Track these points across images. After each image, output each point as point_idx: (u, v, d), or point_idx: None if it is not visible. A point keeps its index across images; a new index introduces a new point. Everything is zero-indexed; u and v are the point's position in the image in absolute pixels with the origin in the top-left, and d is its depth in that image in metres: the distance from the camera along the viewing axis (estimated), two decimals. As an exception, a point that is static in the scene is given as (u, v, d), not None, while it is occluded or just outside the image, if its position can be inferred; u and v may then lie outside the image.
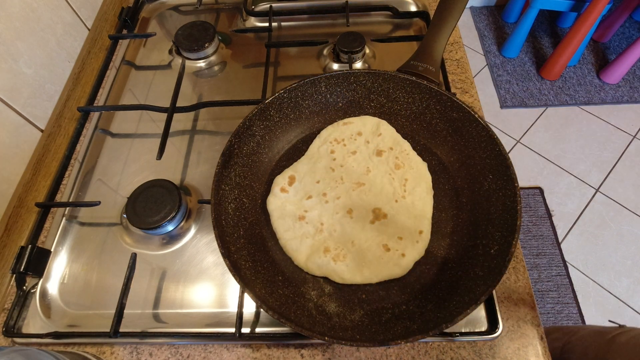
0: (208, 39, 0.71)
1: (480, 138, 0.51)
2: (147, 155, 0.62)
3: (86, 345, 0.48)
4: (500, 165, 0.48)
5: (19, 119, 0.58)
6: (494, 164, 0.49)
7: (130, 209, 0.53)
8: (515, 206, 0.44)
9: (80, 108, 0.65)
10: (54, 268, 0.53)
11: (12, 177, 0.56)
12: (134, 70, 0.73)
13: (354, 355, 0.46)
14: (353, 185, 0.53)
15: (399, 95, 0.57)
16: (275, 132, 0.57)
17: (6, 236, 0.54)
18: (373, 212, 0.51)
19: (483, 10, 2.29)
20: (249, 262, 0.46)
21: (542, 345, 0.46)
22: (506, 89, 1.96)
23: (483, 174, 0.50)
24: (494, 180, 0.49)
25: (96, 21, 0.75)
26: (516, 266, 0.51)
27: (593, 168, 1.71)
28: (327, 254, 0.47)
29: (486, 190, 0.49)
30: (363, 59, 0.70)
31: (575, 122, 1.85)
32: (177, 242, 0.54)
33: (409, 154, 0.55)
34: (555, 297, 1.43)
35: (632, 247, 1.52)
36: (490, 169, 0.50)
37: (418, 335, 0.38)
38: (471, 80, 0.67)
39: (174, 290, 0.51)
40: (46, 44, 0.63)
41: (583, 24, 1.70)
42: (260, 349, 0.47)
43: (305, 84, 0.55)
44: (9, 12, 0.56)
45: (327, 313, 0.45)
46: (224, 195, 0.49)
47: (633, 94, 1.91)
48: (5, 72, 0.55)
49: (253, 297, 0.40)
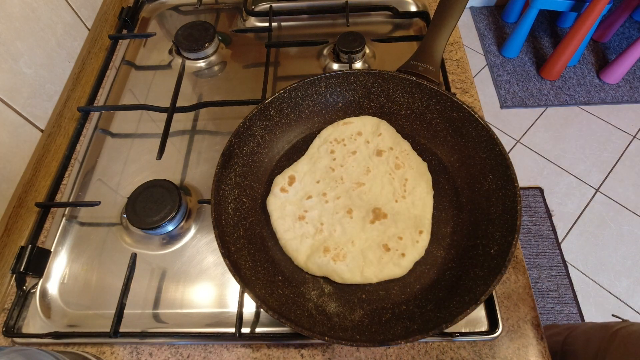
0: (208, 39, 0.71)
1: (480, 138, 0.51)
2: (147, 155, 0.62)
3: (86, 345, 0.48)
4: (500, 165, 0.48)
5: (19, 119, 0.58)
6: (494, 164, 0.49)
7: (130, 209, 0.53)
8: (515, 206, 0.44)
9: (80, 108, 0.65)
10: (54, 268, 0.53)
11: (12, 177, 0.56)
12: (134, 70, 0.73)
13: (354, 355, 0.46)
14: (353, 185, 0.53)
15: (399, 95, 0.57)
16: (275, 132, 0.57)
17: (6, 236, 0.54)
18: (373, 212, 0.51)
19: (483, 10, 2.29)
20: (249, 262, 0.46)
21: (542, 345, 0.46)
22: (506, 89, 1.96)
23: (483, 174, 0.50)
24: (494, 180, 0.49)
25: (96, 21, 0.75)
26: (516, 266, 0.51)
27: (593, 168, 1.71)
28: (327, 253, 0.47)
29: (486, 190, 0.49)
30: (363, 59, 0.70)
31: (575, 122, 1.85)
32: (177, 242, 0.54)
33: (409, 154, 0.55)
34: (555, 297, 1.43)
35: (632, 247, 1.52)
36: (490, 169, 0.50)
37: (418, 335, 0.38)
38: (471, 80, 0.67)
39: (174, 290, 0.51)
40: (46, 44, 0.63)
41: (583, 24, 1.70)
42: (260, 349, 0.47)
43: (305, 84, 0.55)
44: (9, 12, 0.56)
45: (327, 313, 0.45)
46: (224, 195, 0.49)
47: (633, 94, 1.91)
48: (5, 72, 0.55)
49: (253, 297, 0.40)
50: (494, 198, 0.48)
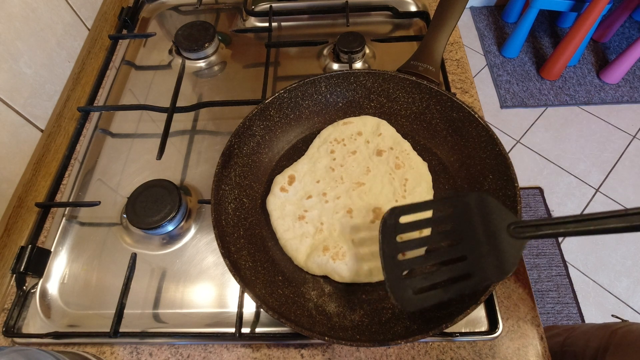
0: (208, 39, 0.71)
1: (480, 138, 0.51)
2: (147, 155, 0.62)
3: (86, 345, 0.48)
4: (500, 165, 0.48)
5: (19, 119, 0.58)
6: (494, 164, 0.49)
7: (130, 209, 0.53)
8: (515, 206, 0.44)
9: (80, 108, 0.65)
10: (54, 268, 0.53)
11: (12, 177, 0.56)
12: (134, 70, 0.73)
13: (354, 355, 0.46)
14: (353, 185, 0.53)
15: (399, 95, 0.57)
16: (275, 132, 0.57)
17: (6, 236, 0.54)
18: (373, 212, 0.51)
19: (483, 10, 2.29)
20: (249, 262, 0.46)
21: (542, 345, 0.46)
22: (506, 89, 1.96)
23: (483, 174, 0.50)
24: (494, 180, 0.49)
25: (96, 21, 0.75)
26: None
27: (593, 168, 1.71)
28: (326, 252, 0.47)
29: (486, 190, 0.49)
30: (363, 59, 0.70)
31: (575, 122, 1.85)
32: (177, 242, 0.54)
33: (409, 153, 0.55)
34: (555, 297, 1.43)
35: (632, 247, 1.52)
36: (490, 169, 0.50)
37: (418, 335, 0.38)
38: (471, 80, 0.67)
39: (174, 290, 0.51)
40: (46, 44, 0.63)
41: (583, 24, 1.70)
42: (260, 349, 0.47)
43: (305, 84, 0.55)
44: (9, 12, 0.56)
45: (327, 313, 0.45)
46: (224, 195, 0.49)
47: (633, 94, 1.91)
48: (5, 72, 0.55)
49: (253, 297, 0.40)
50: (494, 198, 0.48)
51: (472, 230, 0.38)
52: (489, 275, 0.36)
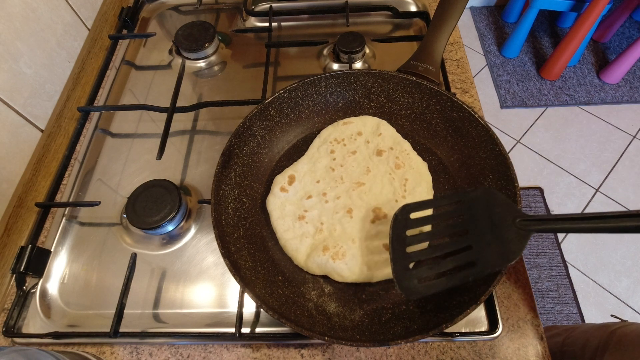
0: (208, 39, 0.71)
1: (481, 138, 0.51)
2: (147, 155, 0.62)
3: (86, 345, 0.48)
4: (500, 165, 0.48)
5: (19, 119, 0.58)
6: (494, 164, 0.49)
7: (130, 209, 0.53)
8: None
9: (80, 108, 0.65)
10: (54, 268, 0.53)
11: (12, 177, 0.56)
12: (134, 70, 0.73)
13: (354, 355, 0.46)
14: (353, 185, 0.53)
15: (399, 95, 0.57)
16: (275, 132, 0.57)
17: (6, 236, 0.54)
18: (373, 212, 0.51)
19: (483, 10, 2.29)
20: (249, 262, 0.46)
21: (542, 345, 0.46)
22: (506, 89, 1.96)
23: (483, 174, 0.50)
24: (494, 180, 0.49)
25: (96, 21, 0.75)
26: (516, 266, 0.51)
27: (593, 168, 1.71)
28: (326, 252, 0.47)
29: (486, 190, 0.49)
30: (363, 59, 0.70)
31: (575, 122, 1.85)
32: (177, 242, 0.54)
33: (409, 153, 0.55)
34: (555, 297, 1.43)
35: (632, 247, 1.52)
36: (490, 169, 0.50)
37: (418, 335, 0.38)
38: (471, 80, 0.67)
39: (174, 290, 0.51)
40: (46, 44, 0.63)
41: (583, 24, 1.70)
42: (260, 349, 0.47)
43: (305, 84, 0.55)
44: (9, 12, 0.56)
45: (327, 313, 0.45)
46: (224, 195, 0.49)
47: (633, 94, 1.91)
48: (5, 72, 0.55)
49: (253, 297, 0.40)
50: (494, 198, 0.48)
51: (478, 221, 0.40)
52: (492, 262, 0.38)
